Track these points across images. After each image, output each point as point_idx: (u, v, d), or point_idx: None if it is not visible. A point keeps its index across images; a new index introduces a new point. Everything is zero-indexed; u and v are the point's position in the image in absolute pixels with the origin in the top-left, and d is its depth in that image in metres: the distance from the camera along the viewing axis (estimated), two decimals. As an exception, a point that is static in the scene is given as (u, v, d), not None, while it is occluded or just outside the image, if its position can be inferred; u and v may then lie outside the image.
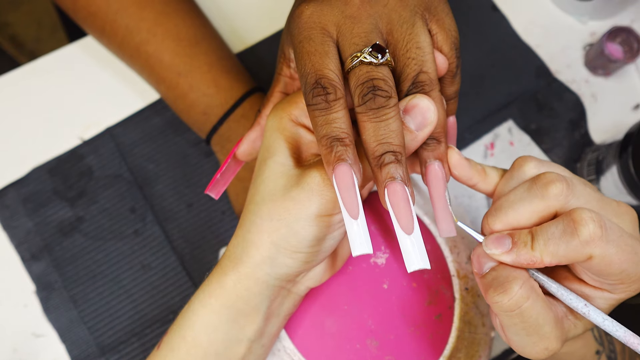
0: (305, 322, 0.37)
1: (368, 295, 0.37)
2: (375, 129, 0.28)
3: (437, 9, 0.31)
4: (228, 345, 0.33)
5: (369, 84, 0.28)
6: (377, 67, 0.28)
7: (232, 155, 0.37)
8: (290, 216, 0.30)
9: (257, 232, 0.31)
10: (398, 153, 0.28)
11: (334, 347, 0.37)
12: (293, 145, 0.33)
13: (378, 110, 0.28)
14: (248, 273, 0.32)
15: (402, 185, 0.27)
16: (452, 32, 0.32)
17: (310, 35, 0.29)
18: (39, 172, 0.53)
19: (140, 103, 0.55)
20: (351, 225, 0.27)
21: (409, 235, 0.27)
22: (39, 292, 0.51)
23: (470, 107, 0.56)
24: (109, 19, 0.48)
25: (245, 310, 0.33)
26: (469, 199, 0.53)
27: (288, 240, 0.31)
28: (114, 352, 0.50)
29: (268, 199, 0.31)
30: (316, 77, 0.28)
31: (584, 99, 0.56)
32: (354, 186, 0.28)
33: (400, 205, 0.27)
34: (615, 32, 0.54)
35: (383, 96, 0.28)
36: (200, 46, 0.48)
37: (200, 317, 0.33)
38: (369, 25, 0.29)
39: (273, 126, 0.33)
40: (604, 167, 0.50)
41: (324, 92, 0.28)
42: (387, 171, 0.27)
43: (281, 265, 0.32)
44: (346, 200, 0.27)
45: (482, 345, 0.40)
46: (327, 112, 0.28)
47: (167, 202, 0.53)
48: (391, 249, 0.39)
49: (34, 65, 0.56)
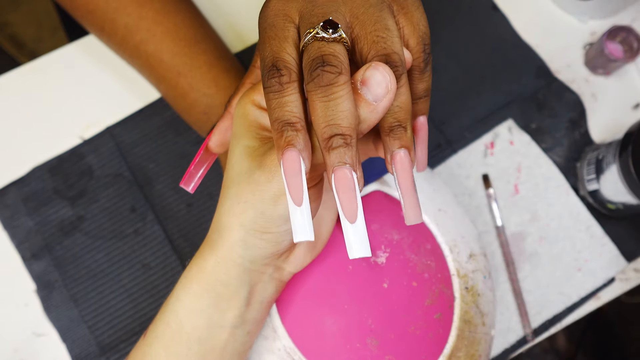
0: (306, 321, 0.37)
1: (368, 295, 0.37)
2: (323, 109, 0.27)
3: (406, 2, 0.31)
4: (211, 331, 0.34)
5: (318, 59, 0.27)
6: (329, 43, 0.28)
7: (204, 146, 0.37)
8: (254, 198, 0.31)
9: (227, 215, 0.32)
10: (348, 136, 0.27)
11: (334, 346, 0.37)
12: (257, 128, 0.33)
13: (326, 88, 0.27)
14: (224, 256, 0.33)
15: (350, 171, 0.27)
16: (421, 26, 0.31)
17: (274, 22, 0.29)
18: (40, 172, 0.53)
19: (140, 102, 0.55)
20: (294, 212, 0.27)
21: (352, 224, 0.27)
22: (39, 291, 0.51)
23: (470, 107, 0.56)
24: (108, 17, 0.48)
25: (225, 294, 0.33)
26: (469, 197, 0.53)
27: (255, 221, 0.31)
28: (115, 351, 0.50)
29: (235, 182, 0.32)
30: (273, 60, 0.28)
31: (584, 98, 0.56)
32: (300, 173, 0.27)
33: (345, 192, 0.27)
34: (615, 32, 0.54)
35: (332, 72, 0.27)
36: (199, 46, 0.48)
37: (183, 302, 0.34)
38: (330, 8, 0.29)
39: (238, 113, 0.34)
40: (604, 166, 0.50)
41: (278, 74, 0.28)
42: (335, 155, 0.27)
43: (253, 247, 0.32)
44: (291, 186, 0.27)
45: (482, 344, 0.40)
46: (280, 95, 0.28)
47: (167, 202, 0.53)
48: (391, 248, 0.39)
49: (34, 64, 0.56)
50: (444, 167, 0.54)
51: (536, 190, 0.54)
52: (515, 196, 0.54)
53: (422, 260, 0.39)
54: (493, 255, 0.52)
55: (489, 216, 0.53)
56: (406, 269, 0.38)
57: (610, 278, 0.52)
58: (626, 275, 0.53)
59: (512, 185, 0.54)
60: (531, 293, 0.52)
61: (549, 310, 0.52)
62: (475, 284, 0.40)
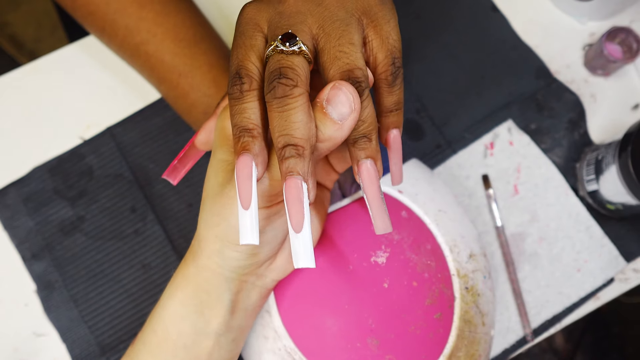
0: (306, 321, 0.37)
1: (368, 295, 0.37)
2: (278, 119, 0.27)
3: (376, 15, 0.31)
4: (195, 339, 0.34)
5: (276, 72, 0.27)
6: (288, 55, 0.28)
7: (191, 143, 0.38)
8: (226, 211, 0.31)
9: (205, 227, 0.33)
10: (300, 147, 0.27)
11: (334, 346, 0.37)
12: (231, 142, 0.33)
13: (281, 99, 0.27)
14: (204, 265, 0.33)
15: (299, 182, 0.27)
16: (390, 39, 0.31)
17: (244, 30, 0.30)
18: (40, 172, 0.53)
19: (140, 103, 0.55)
20: (242, 215, 0.27)
21: (298, 234, 0.27)
22: (39, 292, 0.51)
23: (470, 107, 0.56)
24: (109, 18, 0.48)
25: (208, 302, 0.34)
26: (469, 198, 0.53)
27: (228, 234, 0.31)
28: (115, 351, 0.50)
29: (211, 195, 0.32)
30: (237, 67, 0.29)
31: (583, 99, 0.57)
32: (250, 177, 0.27)
33: (293, 203, 0.27)
34: (614, 33, 0.54)
35: (287, 84, 0.27)
36: (200, 46, 0.49)
37: (168, 309, 0.34)
38: (295, 19, 0.29)
39: (217, 125, 0.34)
40: (603, 166, 0.50)
41: (240, 82, 0.28)
42: (287, 165, 0.27)
43: (229, 258, 0.32)
44: (241, 189, 0.27)
45: (482, 344, 0.40)
46: (240, 102, 0.28)
47: (167, 202, 0.53)
48: (392, 248, 0.39)
49: (34, 65, 0.56)
50: (444, 168, 0.54)
51: (536, 191, 0.54)
52: (514, 197, 0.54)
53: (422, 260, 0.39)
54: (493, 256, 0.53)
55: (488, 216, 0.53)
56: (406, 268, 0.38)
57: (610, 278, 0.52)
58: (625, 275, 0.53)
59: (511, 186, 0.54)
60: (531, 293, 0.52)
61: (549, 310, 0.52)
62: (475, 284, 0.40)
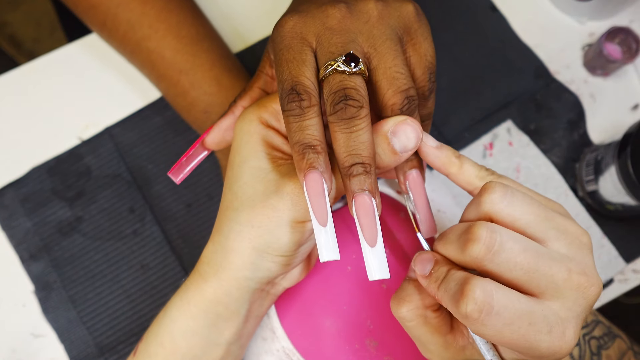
0: (304, 322, 0.37)
1: (367, 296, 0.37)
2: (345, 139, 0.28)
3: (416, 32, 0.31)
4: (206, 350, 0.34)
5: (340, 92, 0.28)
6: (350, 76, 0.28)
7: (200, 141, 0.37)
8: (271, 223, 0.31)
9: (236, 239, 0.32)
10: (367, 165, 0.28)
11: (333, 348, 0.37)
12: (267, 148, 0.33)
13: (349, 120, 0.28)
14: (229, 279, 0.33)
15: (369, 198, 0.28)
16: (427, 56, 0.32)
17: (290, 44, 0.30)
18: (38, 172, 0.53)
19: (139, 103, 0.55)
20: (319, 232, 0.28)
21: (372, 248, 0.28)
22: (37, 292, 0.51)
23: (469, 107, 0.56)
24: (110, 12, 0.48)
25: (224, 314, 0.33)
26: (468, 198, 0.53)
27: (270, 245, 0.31)
28: (113, 352, 0.50)
29: (247, 205, 0.32)
30: (292, 83, 0.29)
31: (582, 99, 0.56)
32: (323, 193, 0.28)
33: (365, 218, 0.28)
34: (613, 33, 0.54)
35: (354, 106, 0.28)
36: (202, 44, 0.48)
37: (178, 323, 0.34)
38: (347, 37, 0.30)
39: (243, 129, 0.33)
40: (603, 167, 0.50)
41: (299, 98, 0.28)
42: (356, 182, 0.28)
43: (263, 269, 0.32)
44: (315, 207, 0.28)
45: (481, 345, 0.40)
46: (301, 119, 0.28)
47: (166, 202, 0.53)
48: (390, 250, 0.39)
49: (33, 65, 0.56)
50: (443, 168, 0.54)
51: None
52: (514, 197, 0.54)
53: (421, 261, 0.39)
54: (492, 256, 0.52)
55: (487, 217, 0.53)
56: (405, 269, 0.38)
57: (609, 279, 0.52)
58: (625, 276, 0.53)
59: (511, 186, 0.54)
60: (530, 294, 0.52)
61: (548, 311, 0.52)
62: (474, 284, 0.40)
